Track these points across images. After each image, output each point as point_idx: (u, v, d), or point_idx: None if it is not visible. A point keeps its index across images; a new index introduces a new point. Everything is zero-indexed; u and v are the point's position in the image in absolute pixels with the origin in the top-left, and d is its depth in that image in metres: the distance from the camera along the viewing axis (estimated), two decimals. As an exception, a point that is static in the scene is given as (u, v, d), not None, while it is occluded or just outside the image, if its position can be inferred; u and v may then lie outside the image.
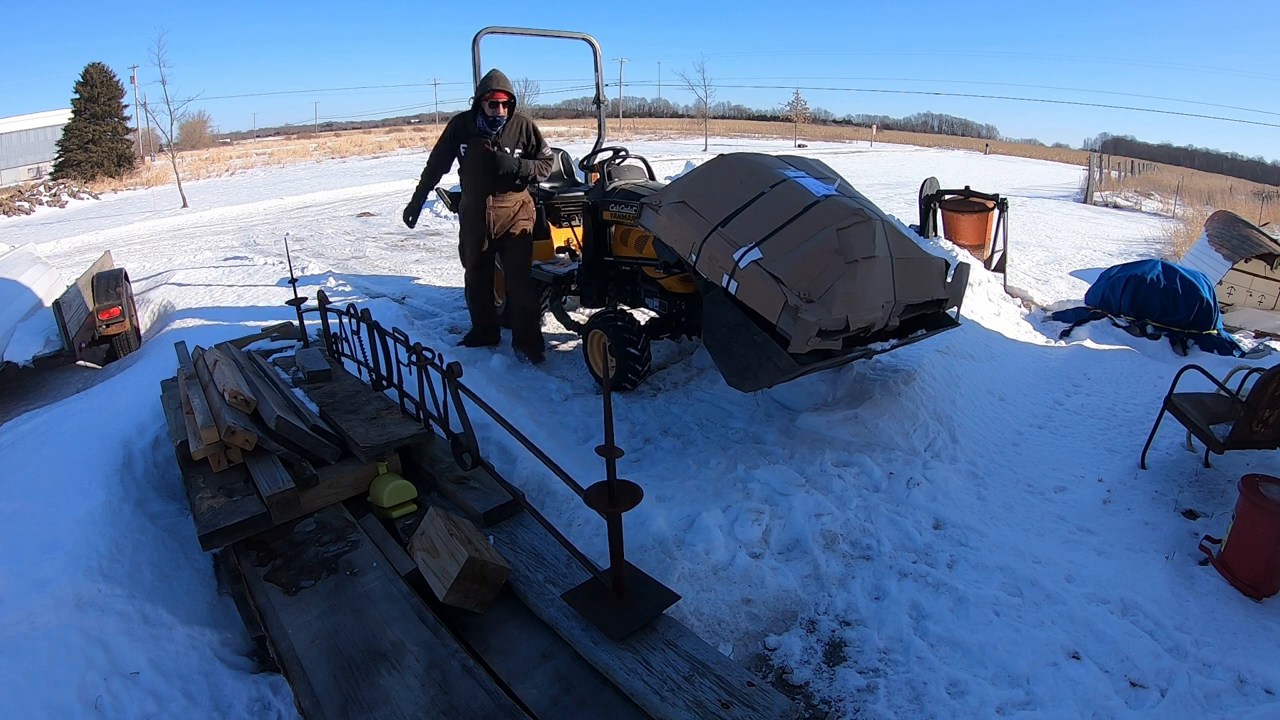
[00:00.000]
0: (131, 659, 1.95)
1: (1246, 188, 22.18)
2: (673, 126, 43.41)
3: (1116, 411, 4.01)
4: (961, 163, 27.95)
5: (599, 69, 5.58)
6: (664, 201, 3.36)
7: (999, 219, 6.83)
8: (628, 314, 4.03)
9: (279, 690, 2.01)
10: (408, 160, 24.65)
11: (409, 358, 2.46)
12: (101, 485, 2.56)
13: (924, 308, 3.28)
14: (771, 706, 1.41)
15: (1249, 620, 2.30)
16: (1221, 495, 3.02)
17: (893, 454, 3.27)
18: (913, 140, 45.21)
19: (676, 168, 11.94)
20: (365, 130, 44.10)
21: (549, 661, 1.67)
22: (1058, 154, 41.86)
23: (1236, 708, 1.96)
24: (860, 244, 2.84)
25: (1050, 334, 5.65)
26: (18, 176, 22.60)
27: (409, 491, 2.38)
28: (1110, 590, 2.41)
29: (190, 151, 27.66)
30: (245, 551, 2.13)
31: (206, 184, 19.93)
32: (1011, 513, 2.97)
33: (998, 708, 1.96)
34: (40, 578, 2.06)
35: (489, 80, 4.00)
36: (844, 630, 2.29)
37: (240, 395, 2.47)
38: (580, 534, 2.65)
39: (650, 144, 29.27)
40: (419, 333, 5.13)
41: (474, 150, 4.15)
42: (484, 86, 4.00)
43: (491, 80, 3.98)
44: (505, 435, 3.10)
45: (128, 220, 13.22)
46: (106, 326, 5.37)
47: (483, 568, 1.79)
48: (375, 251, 9.09)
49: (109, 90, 23.72)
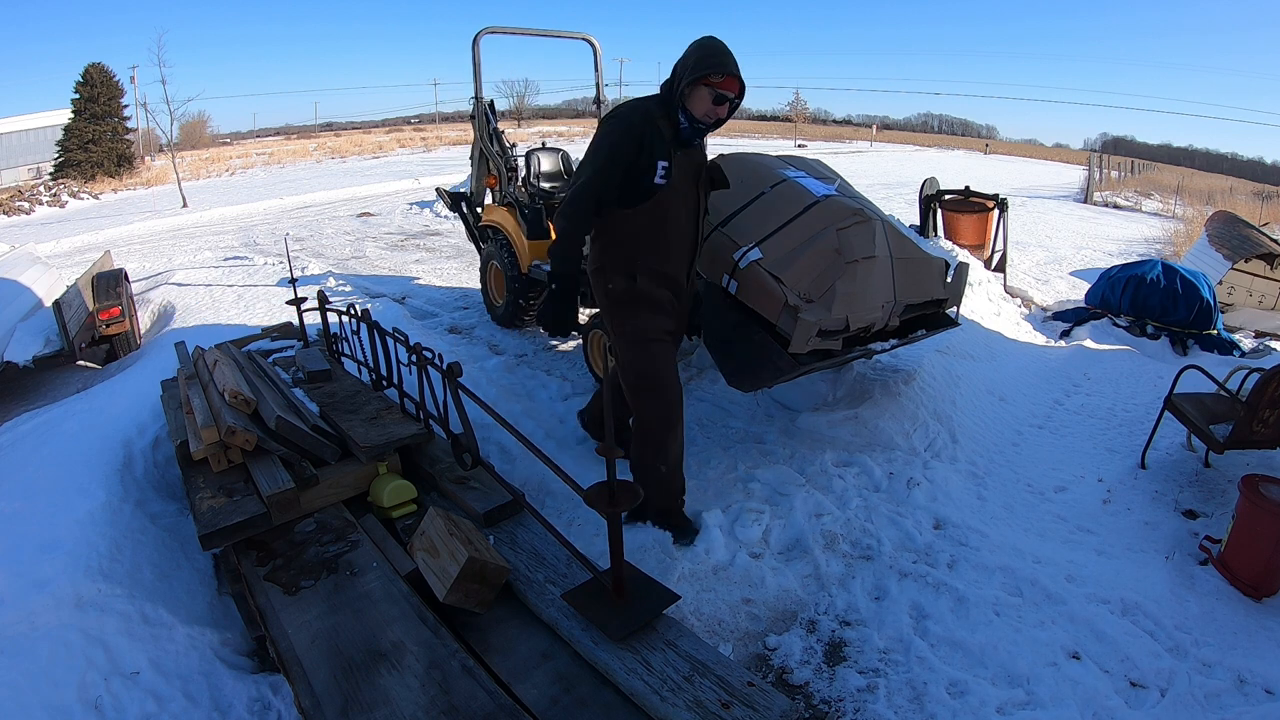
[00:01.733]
0: (131, 659, 1.95)
1: (1246, 188, 22.18)
2: (673, 126, 43.29)
3: (1116, 411, 4.01)
4: (961, 163, 27.96)
5: (599, 69, 5.59)
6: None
7: (999, 219, 6.83)
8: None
9: (279, 690, 2.01)
10: (407, 160, 24.67)
11: (409, 358, 2.46)
12: (101, 485, 2.56)
13: (924, 308, 3.28)
14: (771, 706, 1.41)
15: (1249, 620, 2.30)
16: (1221, 495, 3.02)
17: (893, 454, 3.27)
18: (913, 140, 45.22)
19: (676, 168, 11.91)
20: (365, 130, 44.14)
21: (549, 661, 1.67)
22: (1058, 154, 41.87)
23: (1236, 708, 1.96)
24: (860, 244, 2.84)
25: (1050, 334, 5.65)
26: (18, 176, 22.60)
27: (409, 491, 2.38)
28: (1110, 590, 2.41)
29: (190, 151, 27.67)
30: (245, 551, 2.12)
31: (206, 184, 19.93)
32: (1012, 513, 2.97)
33: (998, 708, 1.96)
34: (40, 578, 2.06)
35: (712, 54, 2.22)
36: (844, 630, 2.29)
37: (240, 395, 2.46)
38: (580, 534, 2.65)
39: (650, 144, 29.18)
40: (419, 333, 5.13)
41: (683, 175, 2.40)
42: (703, 63, 2.21)
43: (716, 55, 2.22)
44: (505, 435, 3.10)
45: (128, 220, 13.22)
46: (106, 326, 5.38)
47: (483, 567, 1.79)
48: (375, 251, 9.09)
49: (109, 90, 23.72)
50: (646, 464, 2.58)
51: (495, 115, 5.45)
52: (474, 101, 5.25)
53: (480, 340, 5.22)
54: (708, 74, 2.22)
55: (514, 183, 5.30)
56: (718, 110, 2.31)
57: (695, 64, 2.22)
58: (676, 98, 2.29)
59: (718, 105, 2.29)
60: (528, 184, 5.19)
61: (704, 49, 2.25)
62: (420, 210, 12.29)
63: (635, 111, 2.32)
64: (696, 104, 2.29)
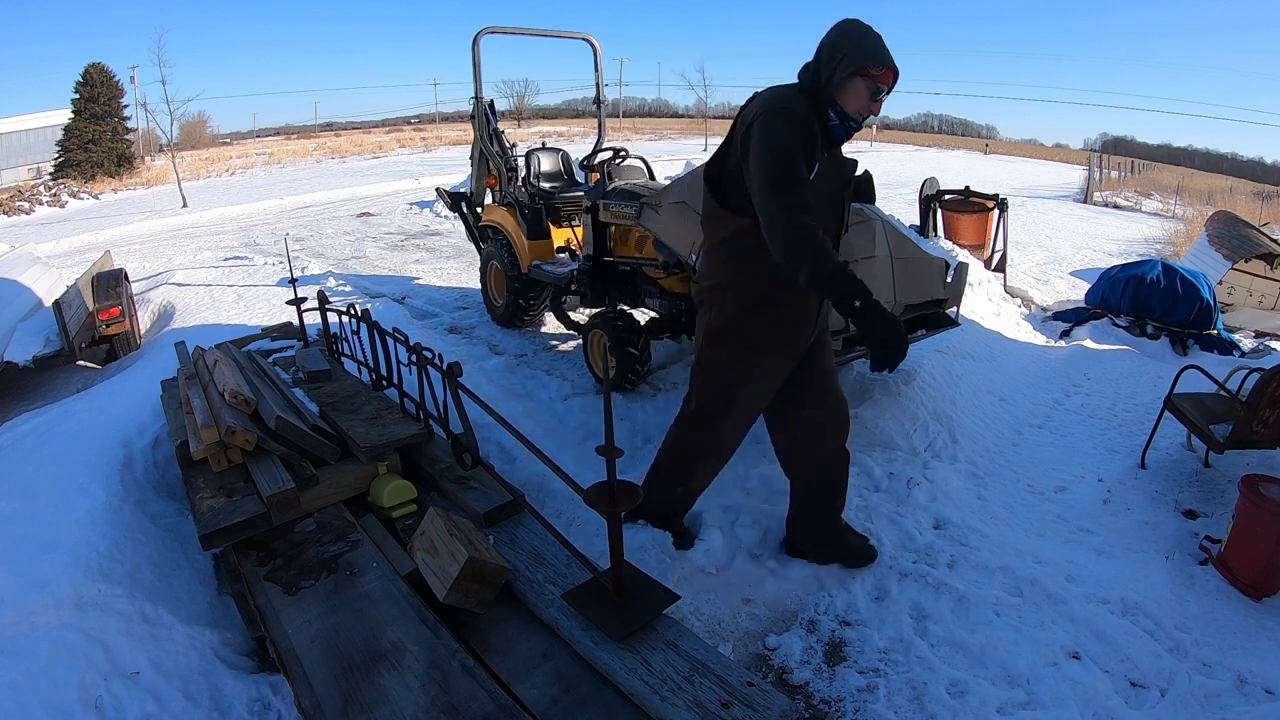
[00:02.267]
0: (131, 659, 1.95)
1: (1246, 188, 22.20)
2: (673, 126, 43.41)
3: (1116, 411, 4.01)
4: (961, 163, 27.95)
5: (599, 69, 5.59)
6: (664, 201, 3.36)
7: (999, 219, 6.84)
8: (628, 314, 4.03)
9: (279, 690, 2.01)
10: (407, 160, 24.66)
11: (409, 358, 2.46)
12: (101, 485, 2.56)
13: (924, 308, 3.28)
14: (771, 706, 1.41)
15: (1249, 620, 2.30)
16: (1221, 495, 3.02)
17: (893, 454, 3.27)
18: (913, 140, 45.21)
19: (676, 168, 11.94)
20: (365, 130, 44.13)
21: (549, 661, 1.67)
22: (1058, 154, 41.86)
23: (1237, 708, 1.96)
24: (860, 244, 2.85)
25: (1050, 334, 5.66)
26: (18, 176, 22.60)
27: (409, 491, 2.38)
28: (1110, 590, 2.40)
29: (190, 151, 27.67)
30: (245, 551, 2.12)
31: (206, 184, 19.93)
32: (1012, 513, 2.97)
33: (998, 708, 1.96)
34: (40, 578, 2.06)
35: (873, 42, 1.95)
36: (844, 630, 2.29)
37: (240, 395, 2.46)
38: (580, 534, 2.65)
39: (650, 144, 29.26)
40: (419, 333, 5.13)
41: (831, 183, 2.06)
42: (862, 52, 1.92)
43: (877, 44, 1.95)
44: (505, 435, 3.10)
45: (128, 220, 13.23)
46: (106, 326, 5.38)
47: (483, 567, 1.79)
48: (375, 251, 9.09)
49: (109, 90, 23.72)
50: (664, 473, 2.42)
51: (495, 115, 5.45)
52: (474, 101, 5.26)
53: (480, 340, 5.22)
54: (868, 65, 1.89)
55: (514, 183, 5.30)
56: (873, 106, 1.96)
57: (854, 52, 1.89)
58: (830, 90, 1.93)
59: (874, 101, 1.95)
60: (528, 184, 5.19)
61: (864, 35, 1.93)
62: (420, 210, 12.29)
63: (799, 105, 1.92)
64: (851, 99, 1.94)
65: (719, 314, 2.16)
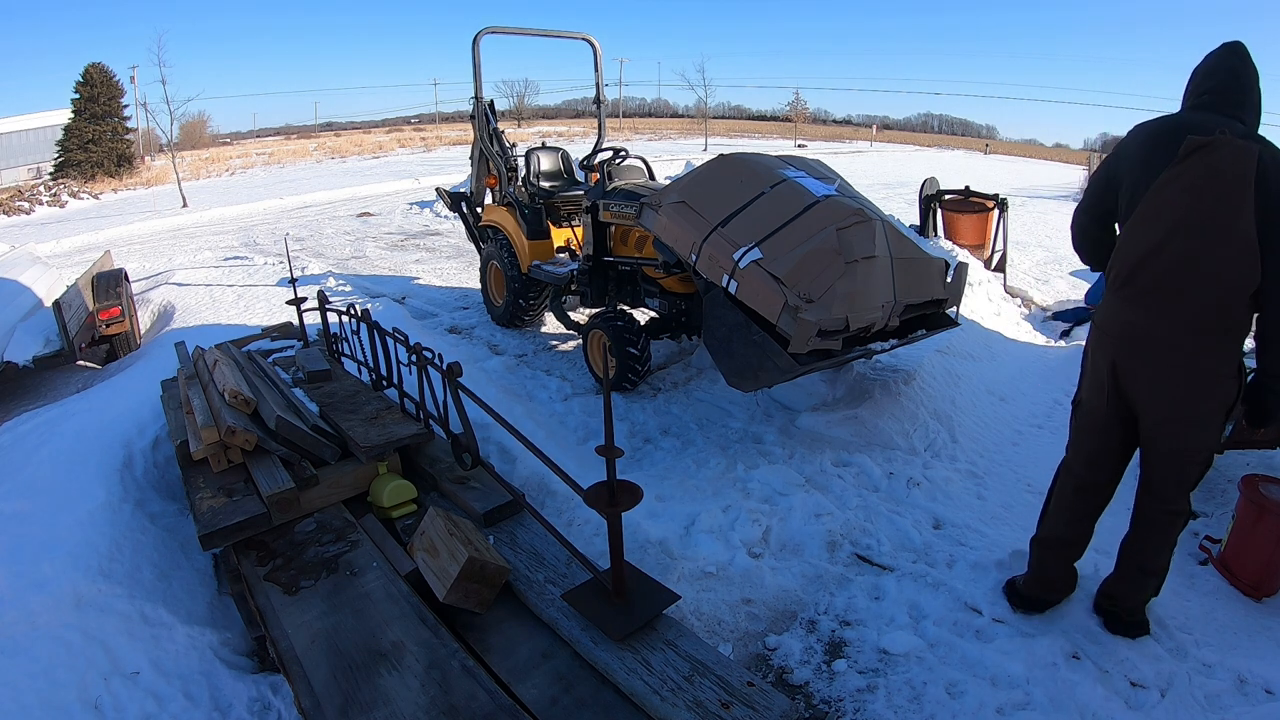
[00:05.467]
0: (131, 659, 1.95)
1: (1246, 188, 22.13)
2: (673, 126, 43.40)
3: (1116, 411, 4.00)
4: (961, 163, 27.93)
5: (599, 69, 5.59)
6: (664, 201, 3.36)
7: (999, 219, 6.83)
8: (628, 314, 4.03)
9: (279, 690, 2.01)
10: (407, 160, 24.67)
11: (409, 358, 2.46)
12: (101, 485, 2.57)
13: (924, 308, 3.28)
14: (771, 706, 1.41)
15: (1249, 620, 2.30)
16: (1221, 495, 3.01)
17: (892, 454, 3.27)
18: (913, 140, 45.19)
19: (676, 168, 11.95)
20: (365, 130, 44.10)
21: (549, 661, 1.67)
22: (1058, 154, 41.80)
23: (1236, 708, 1.96)
24: (860, 244, 2.85)
25: (1050, 334, 5.65)
26: (18, 176, 22.61)
27: (409, 491, 2.38)
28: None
29: (190, 151, 27.68)
30: (245, 551, 2.12)
31: (206, 184, 19.94)
32: (1011, 512, 2.96)
33: (997, 708, 1.96)
34: (40, 578, 2.06)
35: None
36: (844, 630, 2.29)
37: (240, 395, 2.47)
38: (580, 534, 2.66)
39: (650, 144, 29.28)
40: (419, 333, 5.13)
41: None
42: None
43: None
44: (505, 435, 3.10)
45: (128, 220, 13.24)
46: (106, 326, 5.38)
47: (483, 567, 1.79)
48: (375, 251, 9.10)
49: (109, 90, 23.74)
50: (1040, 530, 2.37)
51: (495, 115, 5.45)
52: (474, 101, 5.26)
53: (480, 340, 5.22)
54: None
55: (514, 183, 5.30)
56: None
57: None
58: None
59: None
60: (528, 184, 5.19)
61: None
62: (420, 210, 12.29)
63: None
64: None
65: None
